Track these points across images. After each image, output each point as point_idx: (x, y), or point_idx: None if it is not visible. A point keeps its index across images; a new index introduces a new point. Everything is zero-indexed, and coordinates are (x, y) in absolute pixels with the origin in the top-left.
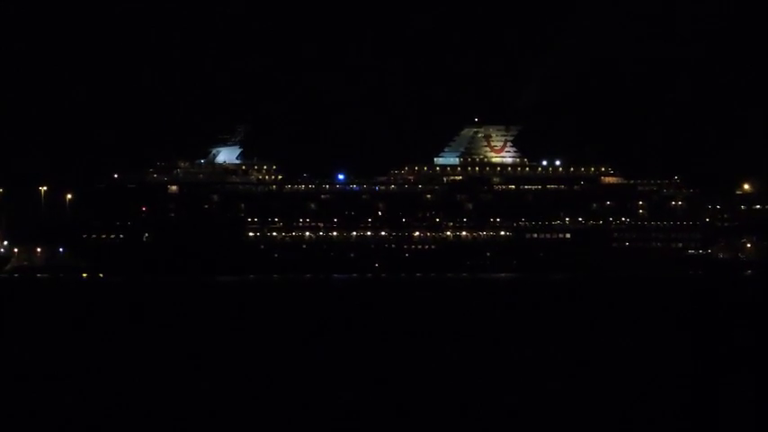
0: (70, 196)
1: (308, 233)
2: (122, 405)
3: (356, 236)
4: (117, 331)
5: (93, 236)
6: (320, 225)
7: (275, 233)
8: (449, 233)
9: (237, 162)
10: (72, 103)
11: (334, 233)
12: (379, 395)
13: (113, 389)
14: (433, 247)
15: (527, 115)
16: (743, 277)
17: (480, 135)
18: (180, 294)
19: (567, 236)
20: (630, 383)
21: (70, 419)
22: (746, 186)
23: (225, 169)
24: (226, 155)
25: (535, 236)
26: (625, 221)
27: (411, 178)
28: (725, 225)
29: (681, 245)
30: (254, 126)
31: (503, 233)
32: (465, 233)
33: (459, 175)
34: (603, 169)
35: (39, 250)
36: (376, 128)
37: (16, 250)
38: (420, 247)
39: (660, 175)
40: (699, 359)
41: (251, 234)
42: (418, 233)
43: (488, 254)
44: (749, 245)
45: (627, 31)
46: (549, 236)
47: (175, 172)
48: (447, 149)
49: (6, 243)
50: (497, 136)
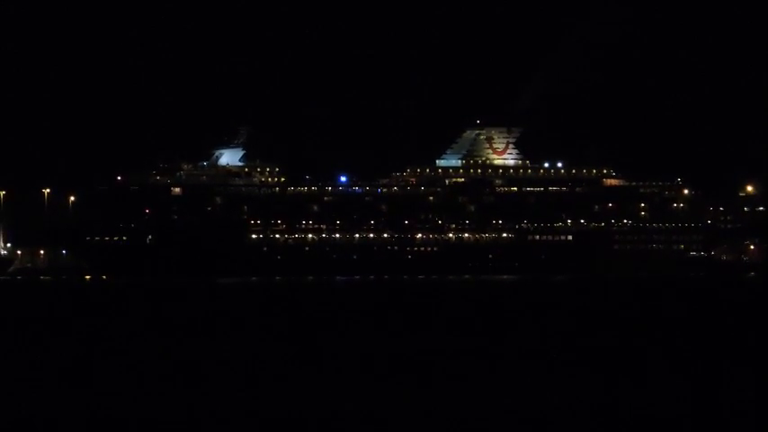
0: (73, 198)
1: (310, 235)
2: (122, 407)
3: (359, 238)
4: (120, 334)
5: (97, 238)
6: (323, 227)
7: (278, 235)
8: (451, 235)
9: (240, 164)
10: (75, 106)
11: (337, 235)
12: (379, 396)
13: (114, 391)
14: (436, 249)
15: (529, 117)
16: (745, 279)
17: (482, 137)
18: (183, 296)
19: (569, 238)
20: (630, 383)
21: (70, 420)
22: (749, 188)
23: (228, 171)
24: (228, 157)
25: (537, 238)
26: (627, 223)
27: (413, 180)
28: (728, 227)
29: (682, 247)
30: (257, 128)
31: (505, 235)
32: (467, 235)
33: (461, 177)
34: (605, 171)
35: (42, 252)
36: (378, 130)
37: (19, 252)
38: (422, 249)
39: (662, 176)
40: (699, 359)
41: (254, 236)
42: (420, 235)
43: (490, 256)
44: (752, 247)
45: (627, 32)
46: (550, 238)
47: (178, 174)
48: (449, 151)
49: (9, 245)
50: (499, 138)
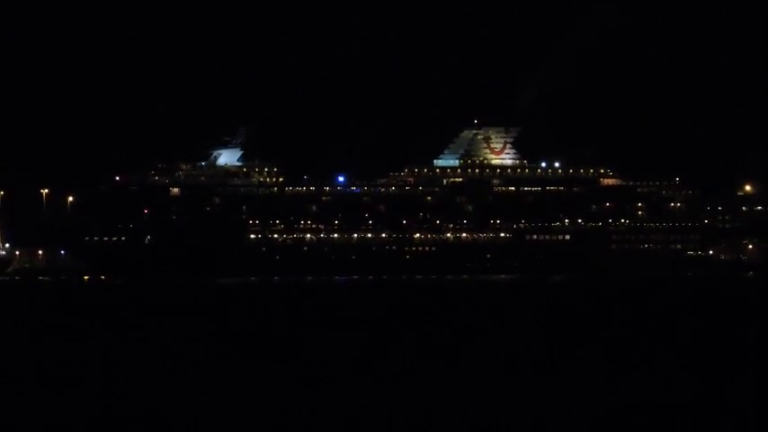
0: (71, 199)
1: (309, 235)
2: (122, 408)
3: (357, 238)
4: (118, 333)
5: (95, 238)
6: (321, 227)
7: (276, 235)
8: (449, 235)
9: (239, 164)
10: (73, 106)
11: (335, 235)
12: (379, 397)
13: (114, 391)
14: (434, 249)
15: (526, 117)
16: (744, 278)
17: (480, 137)
18: (181, 296)
19: (567, 237)
20: (629, 383)
21: (70, 422)
22: (748, 187)
23: (226, 171)
24: (227, 157)
25: (535, 237)
26: (624, 223)
27: (411, 180)
28: (726, 226)
29: (680, 246)
30: (255, 128)
31: (503, 235)
32: (465, 235)
33: (458, 177)
34: (602, 171)
35: (40, 253)
36: (375, 129)
37: (17, 253)
38: (420, 248)
39: (660, 176)
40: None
41: (252, 236)
42: (419, 235)
43: (488, 255)
44: (751, 246)
45: (626, 32)
46: (548, 237)
47: (177, 174)
48: (446, 151)
49: (8, 245)
50: (497, 138)
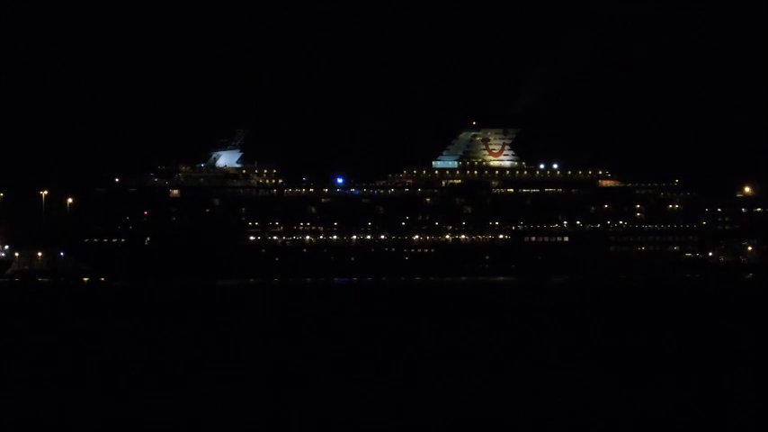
0: (71, 200)
1: (308, 237)
2: (122, 409)
3: (356, 240)
4: (118, 335)
5: (95, 240)
6: (320, 229)
7: (276, 237)
8: (448, 236)
9: (238, 166)
10: (73, 108)
11: (335, 237)
12: (379, 397)
13: (113, 393)
14: (433, 251)
15: (525, 118)
16: (742, 280)
17: (478, 138)
18: (181, 298)
19: (565, 239)
20: (630, 384)
21: (70, 423)
22: (747, 189)
23: (226, 173)
24: (226, 159)
25: (533, 239)
26: (622, 225)
27: (410, 182)
28: (725, 228)
29: (678, 248)
30: (254, 130)
31: (501, 236)
32: (464, 236)
33: (457, 179)
34: (601, 172)
35: (40, 255)
36: (374, 131)
37: (17, 254)
38: (420, 250)
39: (659, 178)
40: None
41: (252, 238)
42: (418, 237)
43: (487, 257)
44: (750, 248)
45: (625, 33)
46: (547, 239)
47: (176, 176)
48: (445, 153)
49: (7, 247)
50: (495, 139)
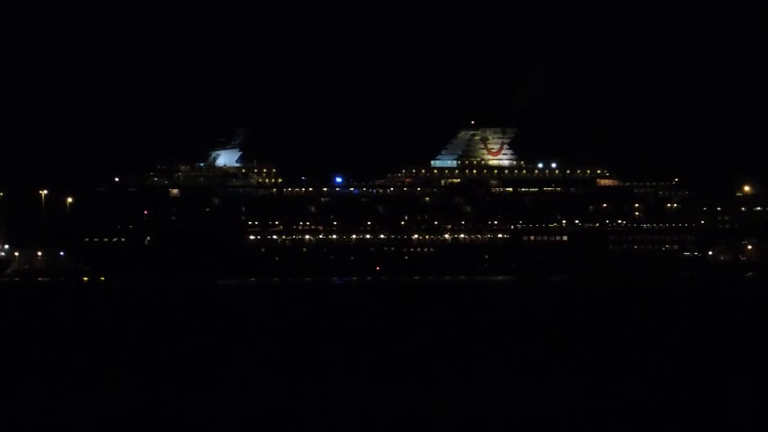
0: (71, 200)
1: (307, 236)
2: (122, 410)
3: (356, 239)
4: (118, 335)
5: (95, 239)
6: (320, 228)
7: (275, 236)
8: (447, 236)
9: (237, 165)
10: (73, 107)
11: (334, 236)
12: (379, 399)
13: (113, 393)
14: (432, 250)
15: (523, 118)
16: (741, 279)
17: (477, 137)
18: (181, 298)
19: (564, 238)
20: (630, 385)
21: (70, 424)
22: (747, 188)
23: (225, 172)
24: (225, 158)
25: (532, 238)
26: (621, 224)
27: (409, 181)
28: (725, 227)
29: (676, 247)
30: (254, 129)
31: (500, 236)
32: (463, 236)
33: (456, 178)
34: (599, 171)
35: (39, 254)
36: (373, 130)
37: (17, 254)
38: (419, 249)
39: (656, 177)
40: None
41: (251, 237)
42: (417, 236)
43: (486, 256)
44: (750, 247)
45: (625, 34)
46: (545, 238)
47: (176, 175)
48: (444, 152)
49: (7, 247)
50: (494, 138)
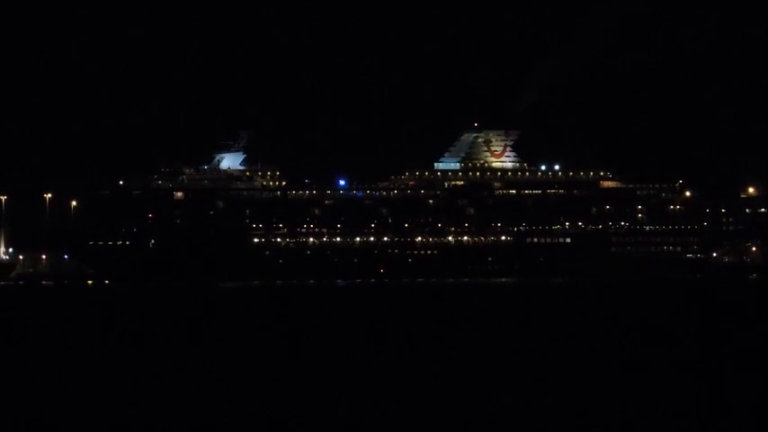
0: (75, 203)
1: (311, 239)
2: (125, 412)
3: (359, 241)
4: (122, 338)
5: (99, 242)
6: (323, 231)
7: (279, 239)
8: (450, 238)
9: (241, 168)
10: (77, 111)
11: (338, 239)
12: (378, 399)
13: (117, 396)
14: (435, 253)
15: (526, 120)
16: (744, 281)
17: (480, 140)
18: (185, 300)
19: (568, 240)
20: (630, 386)
21: (71, 425)
22: (751, 190)
23: (229, 175)
24: (230, 161)
25: (535, 240)
26: (624, 226)
27: (412, 183)
28: (729, 229)
29: (680, 249)
30: (257, 132)
31: (504, 238)
32: (467, 238)
33: (459, 180)
34: (602, 173)
35: (44, 257)
36: (376, 133)
37: (21, 257)
38: (422, 252)
39: (660, 178)
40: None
41: (255, 240)
42: (420, 238)
43: (490, 258)
44: (754, 248)
45: (626, 34)
46: (549, 240)
47: (180, 178)
48: (447, 154)
49: (11, 250)
50: (497, 141)
